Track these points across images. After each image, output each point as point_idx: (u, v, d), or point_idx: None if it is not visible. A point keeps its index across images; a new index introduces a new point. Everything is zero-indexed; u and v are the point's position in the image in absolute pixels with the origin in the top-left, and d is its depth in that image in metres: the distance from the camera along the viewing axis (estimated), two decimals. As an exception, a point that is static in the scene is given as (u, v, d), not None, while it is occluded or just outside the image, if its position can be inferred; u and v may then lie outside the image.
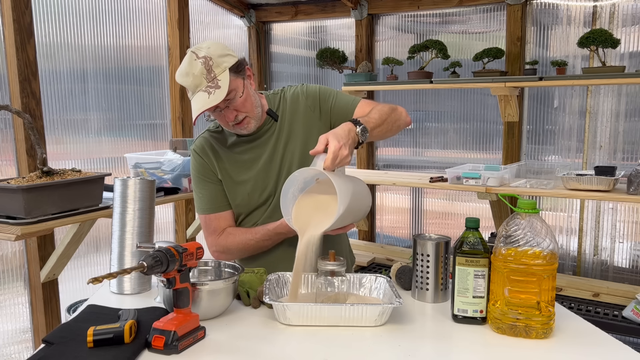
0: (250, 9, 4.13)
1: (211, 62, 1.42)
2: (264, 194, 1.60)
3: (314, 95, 1.62)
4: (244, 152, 1.61)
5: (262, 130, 1.60)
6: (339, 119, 1.59)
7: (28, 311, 2.58)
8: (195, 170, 1.64)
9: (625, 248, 3.15)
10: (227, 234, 1.61)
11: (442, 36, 3.57)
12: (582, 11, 3.14)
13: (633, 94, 3.04)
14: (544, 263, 1.13)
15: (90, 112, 2.92)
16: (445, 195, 3.70)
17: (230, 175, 1.61)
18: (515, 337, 1.16)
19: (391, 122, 1.52)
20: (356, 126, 1.35)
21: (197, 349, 1.11)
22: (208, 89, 1.41)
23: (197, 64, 1.42)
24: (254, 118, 1.53)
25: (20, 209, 1.87)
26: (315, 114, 1.61)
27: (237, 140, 1.62)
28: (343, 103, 1.61)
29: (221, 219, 1.62)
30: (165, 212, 3.41)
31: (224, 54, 1.45)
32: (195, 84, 1.42)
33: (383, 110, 1.51)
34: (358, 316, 1.20)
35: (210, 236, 1.63)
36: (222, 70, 1.43)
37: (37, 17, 2.56)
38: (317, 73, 4.07)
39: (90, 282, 0.96)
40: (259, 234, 1.57)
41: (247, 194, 1.60)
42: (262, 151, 1.60)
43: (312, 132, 1.59)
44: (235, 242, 1.60)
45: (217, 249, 1.63)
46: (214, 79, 1.42)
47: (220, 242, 1.61)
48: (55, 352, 1.04)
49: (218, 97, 1.41)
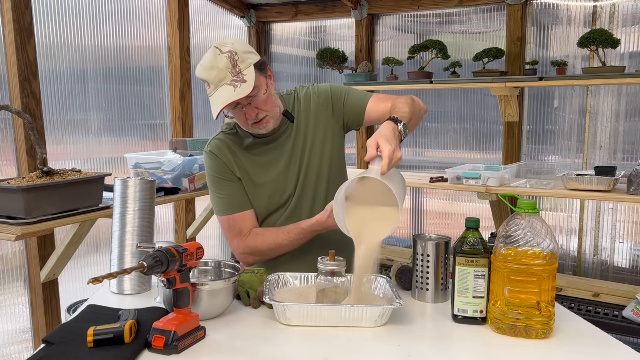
0: (250, 9, 4.13)
1: (236, 56, 1.41)
2: (284, 196, 1.59)
3: (326, 94, 1.61)
4: (262, 154, 1.59)
5: (279, 132, 1.59)
6: (352, 116, 1.60)
7: (28, 311, 2.58)
8: (213, 171, 1.59)
9: (625, 248, 3.15)
10: (254, 235, 1.57)
11: (442, 36, 3.57)
12: (582, 11, 3.14)
13: (633, 94, 3.04)
14: (544, 263, 1.13)
15: (90, 112, 2.92)
16: (445, 195, 3.70)
17: (250, 177, 1.59)
18: (515, 337, 1.16)
19: (417, 112, 1.50)
20: (397, 124, 1.33)
21: (197, 349, 1.11)
22: (234, 82, 1.40)
23: (222, 57, 1.40)
24: (273, 117, 1.52)
25: (20, 209, 1.87)
26: (328, 112, 1.60)
27: (253, 141, 1.60)
28: (355, 99, 1.60)
29: (246, 220, 1.58)
30: (165, 212, 3.41)
31: (248, 51, 1.45)
32: (220, 77, 1.40)
33: (407, 103, 1.47)
34: (358, 317, 1.20)
35: (236, 238, 1.58)
36: (247, 65, 1.42)
37: (37, 17, 2.56)
38: (317, 73, 4.07)
39: (90, 282, 0.96)
40: (293, 233, 1.53)
41: (267, 196, 1.58)
42: (280, 153, 1.59)
43: (327, 131, 1.59)
44: (266, 242, 1.55)
45: (245, 251, 1.58)
46: (239, 73, 1.40)
47: (249, 243, 1.56)
48: (55, 352, 1.04)
49: (245, 90, 1.39)
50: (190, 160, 2.63)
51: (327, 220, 1.45)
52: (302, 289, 1.38)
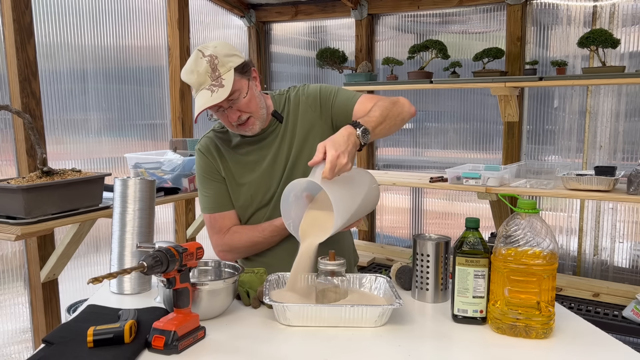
0: (250, 9, 4.13)
1: (216, 60, 1.42)
2: (267, 196, 1.60)
3: (315, 95, 1.61)
4: (248, 154, 1.61)
5: (267, 132, 1.59)
6: (340, 116, 1.59)
7: (28, 311, 2.58)
8: (201, 170, 1.63)
9: (625, 248, 3.15)
10: (232, 233, 1.61)
11: (442, 36, 3.57)
12: (582, 11, 3.14)
13: (633, 94, 3.04)
14: (544, 263, 1.13)
15: (90, 112, 2.92)
16: (445, 195, 3.70)
17: (233, 176, 1.61)
18: (515, 337, 1.16)
19: (393, 116, 1.47)
20: (356, 129, 1.32)
21: (197, 349, 1.11)
22: (211, 87, 1.41)
23: (202, 62, 1.42)
24: (259, 119, 1.53)
25: (20, 209, 1.87)
26: (316, 113, 1.60)
27: (241, 141, 1.61)
28: (343, 100, 1.59)
29: (226, 218, 1.62)
30: (165, 212, 3.41)
31: (231, 54, 1.45)
32: (200, 81, 1.42)
33: (384, 106, 1.46)
34: (358, 317, 1.20)
35: (215, 235, 1.63)
36: (227, 69, 1.43)
37: (37, 17, 2.56)
38: (317, 73, 4.07)
39: (90, 282, 0.96)
40: (267, 230, 1.57)
41: (249, 196, 1.60)
42: (266, 153, 1.60)
43: (314, 132, 1.59)
44: (242, 240, 1.59)
45: (222, 249, 1.62)
46: (217, 78, 1.42)
47: (226, 241, 1.61)
48: (55, 352, 1.04)
49: (220, 95, 1.41)
50: (190, 160, 2.63)
51: None
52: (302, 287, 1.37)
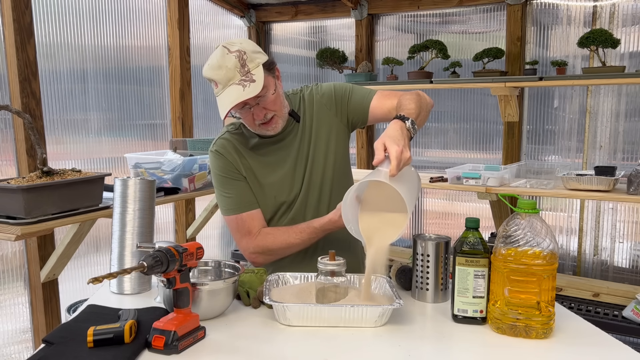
0: (250, 9, 4.13)
1: (245, 56, 1.40)
2: (291, 196, 1.58)
3: (329, 94, 1.60)
4: (268, 154, 1.58)
5: (286, 132, 1.58)
6: (356, 114, 1.59)
7: (28, 311, 2.58)
8: (219, 171, 1.57)
9: (625, 248, 3.15)
10: (264, 234, 1.55)
11: (442, 36, 3.56)
12: (582, 11, 3.14)
13: (633, 94, 3.04)
14: (544, 263, 1.13)
15: (90, 112, 2.92)
16: (445, 195, 3.70)
17: (256, 177, 1.57)
18: (515, 337, 1.16)
19: (425, 108, 1.47)
20: (405, 122, 1.31)
21: (197, 349, 1.11)
22: (242, 82, 1.38)
23: (230, 57, 1.39)
24: (282, 118, 1.52)
25: (20, 209, 1.87)
26: (332, 112, 1.60)
27: (259, 142, 1.59)
28: (359, 97, 1.59)
29: (255, 219, 1.56)
30: (165, 212, 3.41)
31: (257, 51, 1.44)
32: (228, 77, 1.39)
33: (413, 99, 1.44)
34: (358, 317, 1.20)
35: (245, 238, 1.56)
36: (256, 65, 1.41)
37: (37, 17, 2.56)
38: (317, 73, 4.07)
39: (91, 282, 0.96)
40: (305, 232, 1.51)
41: (273, 197, 1.58)
42: (287, 153, 1.58)
43: (331, 131, 1.59)
44: (277, 241, 1.53)
45: (255, 250, 1.55)
46: (247, 73, 1.39)
47: (259, 243, 1.54)
48: (55, 352, 1.04)
49: (254, 90, 1.38)
50: (190, 160, 2.63)
51: (339, 219, 1.43)
52: (302, 285, 1.38)
